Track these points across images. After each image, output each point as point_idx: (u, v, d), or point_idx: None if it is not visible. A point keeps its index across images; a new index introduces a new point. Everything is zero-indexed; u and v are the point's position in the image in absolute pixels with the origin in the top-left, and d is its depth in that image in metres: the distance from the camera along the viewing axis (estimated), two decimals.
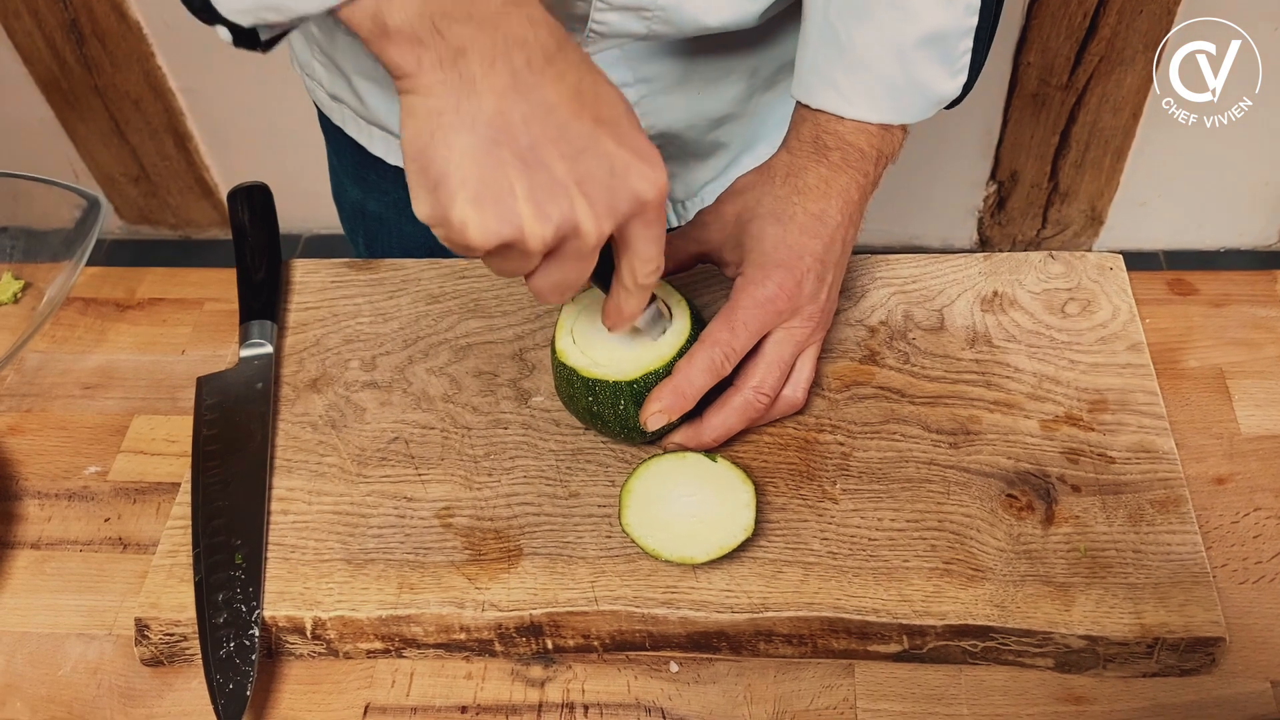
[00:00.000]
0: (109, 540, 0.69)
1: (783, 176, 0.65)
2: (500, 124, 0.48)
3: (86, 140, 1.94)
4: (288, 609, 0.61)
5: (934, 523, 0.62)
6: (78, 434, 0.74)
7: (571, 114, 0.49)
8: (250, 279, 0.75)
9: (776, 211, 0.64)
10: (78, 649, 0.64)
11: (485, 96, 0.48)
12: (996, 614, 0.58)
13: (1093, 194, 1.86)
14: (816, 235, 0.63)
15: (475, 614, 0.60)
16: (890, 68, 0.63)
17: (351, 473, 0.67)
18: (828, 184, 0.64)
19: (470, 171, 0.48)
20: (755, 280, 0.63)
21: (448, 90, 0.48)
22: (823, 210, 0.64)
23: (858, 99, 0.63)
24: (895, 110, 0.64)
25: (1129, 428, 0.66)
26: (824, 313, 0.65)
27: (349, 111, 0.83)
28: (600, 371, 0.62)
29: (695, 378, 0.61)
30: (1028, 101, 1.73)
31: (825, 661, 0.61)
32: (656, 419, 0.62)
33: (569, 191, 0.49)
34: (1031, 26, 1.62)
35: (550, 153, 0.49)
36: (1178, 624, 0.58)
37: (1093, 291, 0.72)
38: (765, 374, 0.63)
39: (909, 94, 0.64)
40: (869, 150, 0.65)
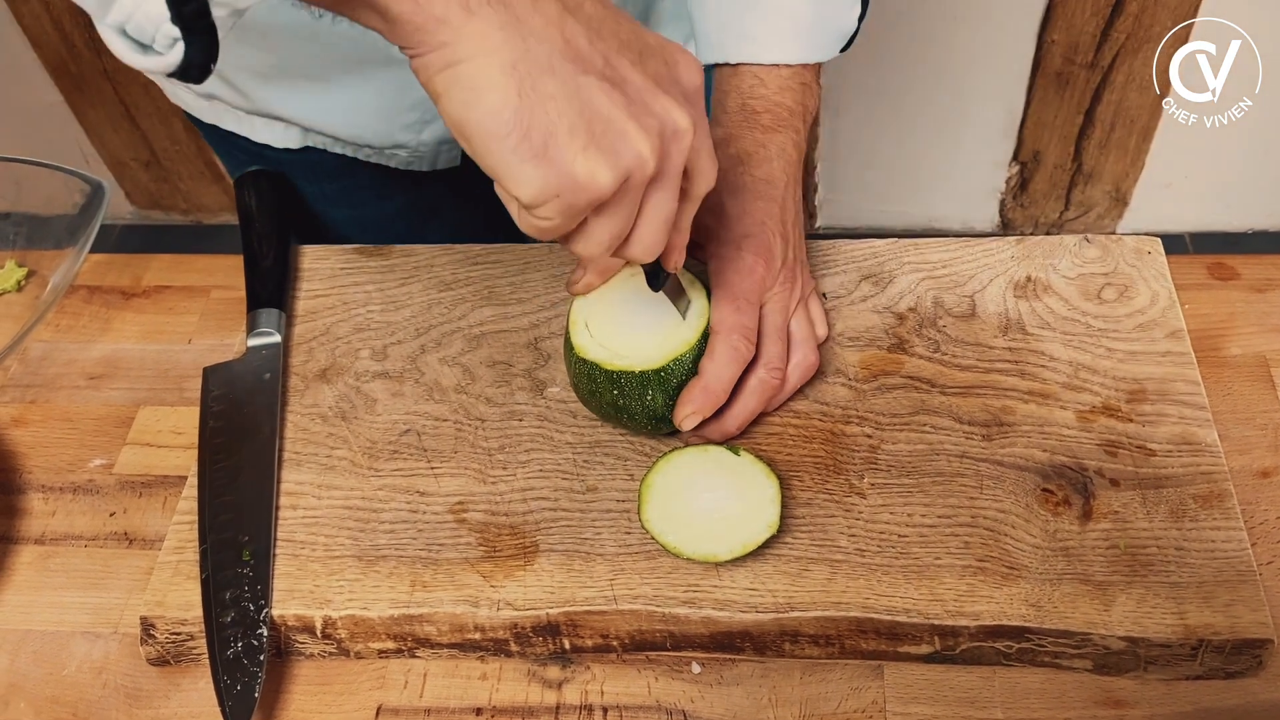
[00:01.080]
0: (114, 535, 0.67)
1: (721, 148, 0.65)
2: (573, 53, 0.45)
3: (96, 125, 1.92)
4: (297, 608, 0.59)
5: (966, 519, 0.60)
6: (83, 425, 0.72)
7: (613, 19, 0.47)
8: (258, 266, 0.73)
9: (728, 184, 0.63)
10: (83, 648, 0.62)
11: (548, 30, 0.44)
12: (1032, 614, 0.56)
13: (1117, 175, 1.83)
14: (770, 199, 0.64)
15: (490, 613, 0.58)
16: (796, 6, 0.65)
17: (362, 466, 0.65)
18: (765, 148, 0.65)
19: (576, 114, 0.44)
20: (731, 256, 0.62)
21: (509, 36, 0.43)
22: (768, 174, 0.64)
23: (774, 42, 0.65)
24: (810, 48, 0.66)
25: (1169, 419, 0.63)
26: (796, 271, 0.65)
27: (224, 106, 0.80)
28: (624, 363, 0.60)
29: (723, 372, 0.60)
30: (1051, 80, 1.69)
31: (853, 663, 0.59)
32: (691, 420, 0.60)
33: (655, 94, 0.46)
34: (1056, 4, 1.58)
35: (622, 63, 0.46)
36: (1223, 625, 0.55)
37: (1130, 276, 0.70)
38: (769, 348, 0.62)
39: (818, 30, 0.66)
40: (795, 107, 0.66)
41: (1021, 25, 1.63)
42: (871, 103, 1.77)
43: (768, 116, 0.66)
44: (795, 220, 0.65)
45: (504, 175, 0.45)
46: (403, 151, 0.81)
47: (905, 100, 1.76)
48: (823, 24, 0.67)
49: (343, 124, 0.76)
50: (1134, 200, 1.87)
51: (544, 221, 0.46)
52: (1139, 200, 1.87)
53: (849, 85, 1.75)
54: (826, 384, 0.66)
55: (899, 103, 1.76)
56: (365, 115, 0.45)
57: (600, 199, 0.46)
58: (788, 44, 0.66)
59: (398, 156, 0.82)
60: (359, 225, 0.88)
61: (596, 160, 0.44)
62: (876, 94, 1.75)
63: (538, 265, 0.74)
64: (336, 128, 0.77)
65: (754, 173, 0.64)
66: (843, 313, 0.69)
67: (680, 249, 0.55)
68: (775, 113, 0.66)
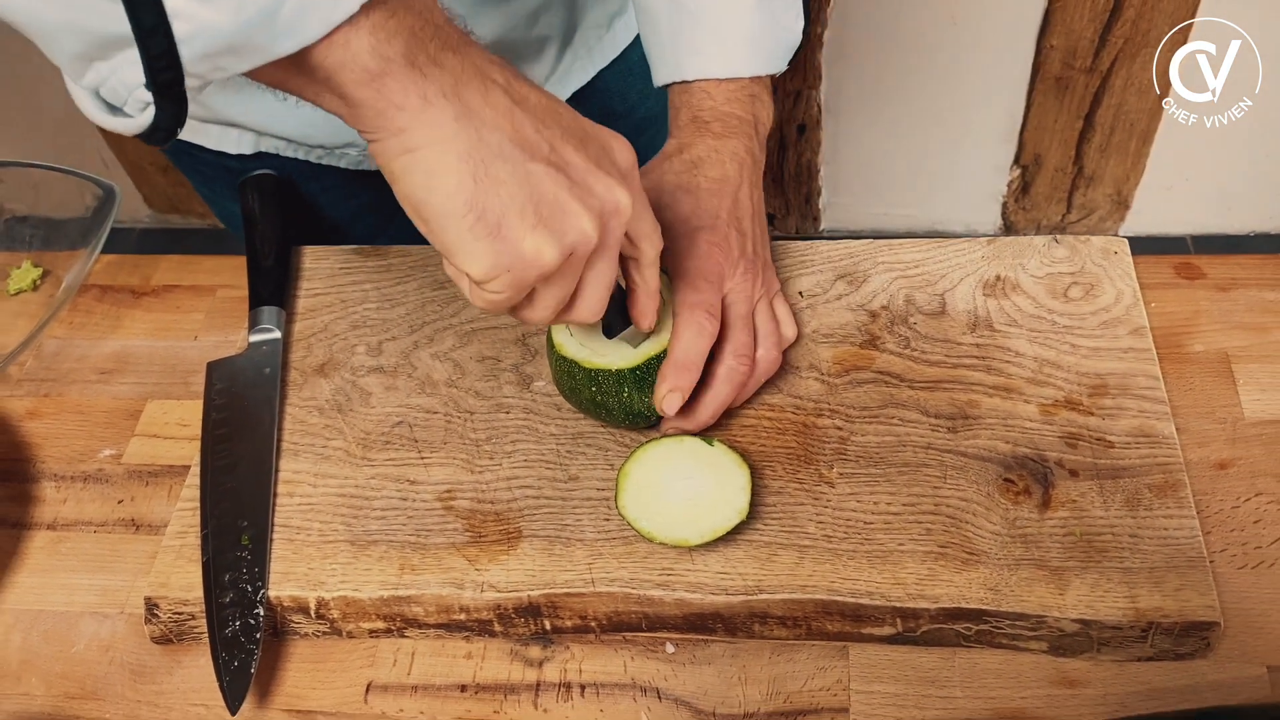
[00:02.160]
0: (122, 521, 0.70)
1: (675, 155, 0.69)
2: (521, 140, 0.48)
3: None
4: (292, 589, 0.63)
5: (930, 506, 0.62)
6: (93, 418, 0.76)
7: (555, 110, 0.51)
8: (260, 266, 0.77)
9: (682, 185, 0.67)
10: (91, 627, 0.66)
11: (498, 120, 0.48)
12: (990, 597, 0.59)
13: (1118, 178, 1.84)
14: (722, 195, 0.67)
15: (475, 595, 0.61)
16: (743, 21, 0.68)
17: (356, 456, 0.68)
18: (718, 152, 0.68)
19: (526, 196, 0.48)
20: (687, 245, 0.65)
21: (462, 126, 0.47)
22: (722, 174, 0.67)
23: (724, 57, 0.69)
24: (760, 59, 0.70)
25: (1129, 412, 0.65)
26: (757, 267, 0.67)
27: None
28: (602, 361, 0.63)
29: (690, 346, 0.62)
30: (1051, 85, 1.71)
31: (819, 644, 0.61)
32: (671, 399, 0.62)
33: (596, 175, 0.51)
34: (1054, 9, 1.61)
35: (565, 149, 0.50)
36: (1172, 608, 0.57)
37: (1096, 275, 0.72)
38: (736, 337, 0.65)
39: (766, 41, 0.70)
40: (745, 116, 0.69)
41: (1020, 31, 1.65)
42: (874, 108, 1.79)
43: (718, 125, 0.69)
44: (753, 217, 0.68)
45: (457, 253, 0.49)
46: (353, 150, 0.85)
47: (907, 105, 1.78)
48: (769, 37, 0.70)
49: (295, 126, 0.79)
50: (1135, 203, 1.89)
51: (495, 295, 0.51)
52: (1140, 203, 1.88)
53: (852, 91, 1.77)
54: (800, 378, 0.69)
55: (901, 107, 1.78)
56: (317, 115, 0.48)
57: (547, 273, 0.50)
58: (736, 58, 0.69)
59: (348, 156, 0.86)
60: (329, 224, 0.91)
61: (544, 238, 0.49)
62: (879, 99, 1.78)
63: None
64: (289, 130, 0.80)
65: (707, 174, 0.67)
66: (818, 310, 0.72)
67: (651, 312, 0.60)
68: (725, 121, 0.69)
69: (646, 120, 0.74)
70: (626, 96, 0.91)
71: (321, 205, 0.88)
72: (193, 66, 0.43)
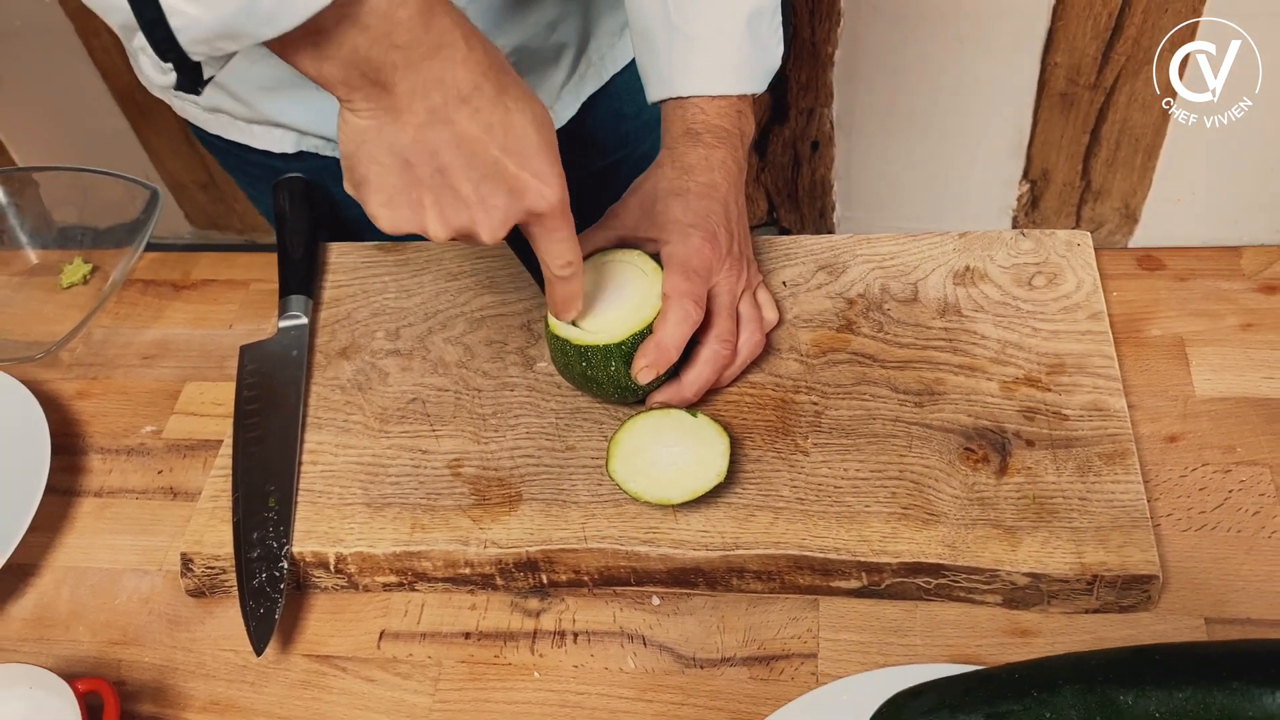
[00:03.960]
0: (161, 490, 0.77)
1: (669, 164, 0.75)
2: (415, 150, 0.58)
3: (159, 149, 2.06)
4: (314, 545, 0.69)
5: (895, 473, 0.68)
6: (137, 398, 0.83)
7: (482, 145, 0.58)
8: (289, 259, 0.84)
9: (674, 189, 0.74)
10: (132, 582, 0.73)
11: (406, 127, 0.57)
12: (948, 553, 0.64)
13: (1125, 192, 1.88)
14: (712, 199, 0.73)
15: (479, 551, 0.67)
16: (732, 45, 0.75)
17: (374, 428, 0.74)
18: (708, 160, 0.74)
19: (386, 181, 0.59)
20: (680, 240, 0.71)
21: (374, 117, 0.57)
22: (711, 180, 0.74)
23: (717, 77, 0.75)
24: (747, 79, 0.76)
25: (1084, 388, 0.70)
26: (740, 262, 0.73)
27: (227, 118, 0.90)
28: (591, 338, 0.69)
29: (674, 330, 0.68)
30: (1056, 101, 1.75)
31: (792, 597, 0.67)
32: (645, 374, 0.69)
33: (470, 207, 0.60)
34: (1058, 27, 1.66)
35: (458, 176, 0.59)
36: (1115, 563, 0.62)
37: (1059, 266, 0.77)
38: (720, 323, 0.71)
39: (751, 64, 0.76)
40: (733, 129, 0.76)
41: (1024, 48, 1.70)
42: (885, 124, 1.85)
43: (709, 136, 0.75)
44: (739, 219, 0.74)
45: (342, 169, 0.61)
46: None
47: (917, 121, 1.83)
48: (754, 61, 0.76)
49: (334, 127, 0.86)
50: (1144, 216, 1.92)
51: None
52: (1149, 216, 1.92)
53: (863, 108, 1.83)
54: (781, 359, 0.75)
55: (911, 124, 1.84)
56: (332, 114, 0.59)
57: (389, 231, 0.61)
58: (726, 78, 0.75)
59: None
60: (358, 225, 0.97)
61: (386, 213, 0.60)
62: (889, 116, 1.83)
63: None
64: (329, 130, 0.87)
65: (698, 179, 0.73)
66: (799, 298, 0.78)
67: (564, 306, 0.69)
68: (715, 133, 0.75)
69: (655, 120, 0.81)
70: (636, 99, 0.98)
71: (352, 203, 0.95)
72: (192, 49, 0.52)
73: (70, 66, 1.93)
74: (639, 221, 0.74)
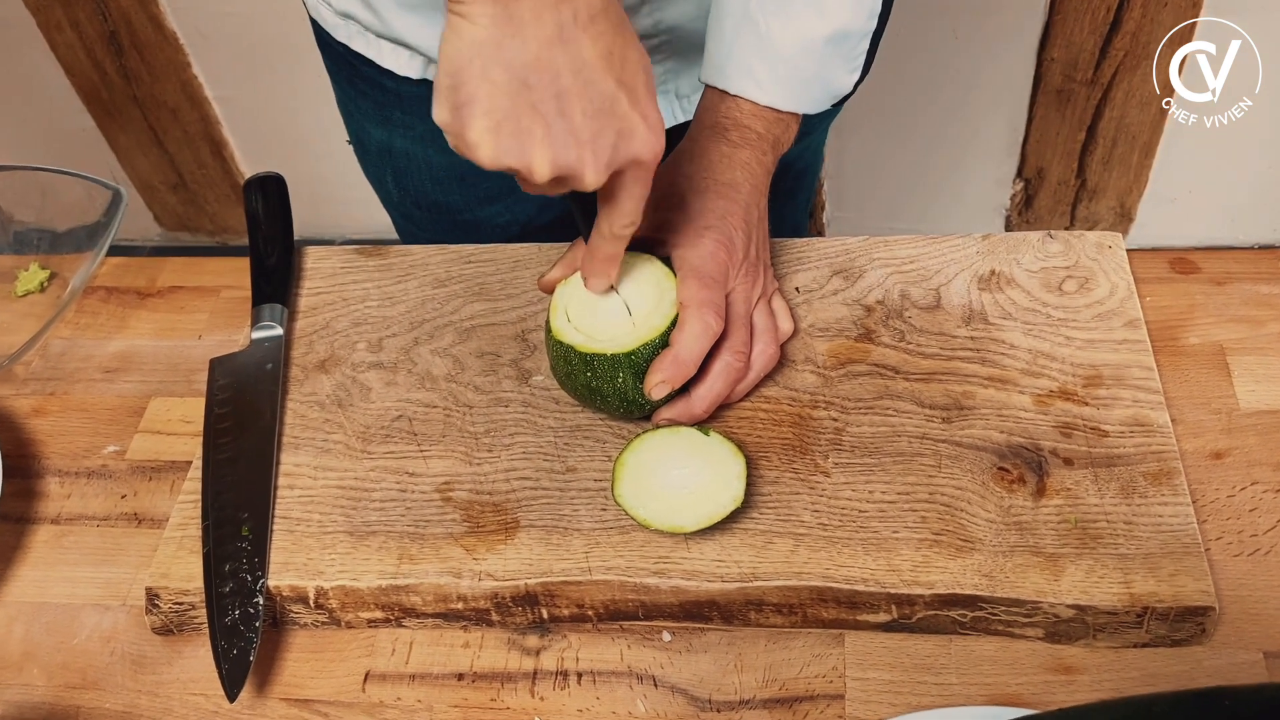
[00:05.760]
0: (125, 516, 0.71)
1: (689, 158, 0.70)
2: (537, 69, 0.52)
3: (127, 149, 1.99)
4: (291, 578, 0.63)
5: (924, 495, 0.63)
6: (98, 415, 0.77)
7: (600, 73, 0.53)
8: (263, 264, 0.78)
9: (693, 186, 0.69)
10: (93, 619, 0.66)
11: (529, 42, 0.51)
12: (985, 583, 0.59)
13: (1121, 191, 1.85)
14: (732, 200, 0.68)
15: (472, 584, 0.62)
16: (803, 61, 0.68)
17: (356, 449, 0.69)
18: (730, 159, 0.69)
19: (498, 103, 0.52)
20: (694, 243, 0.66)
21: (496, 26, 0.51)
22: (732, 179, 0.69)
23: (772, 87, 0.69)
24: (803, 100, 0.70)
25: (1123, 402, 0.66)
26: (758, 269, 0.69)
27: (357, 27, 0.84)
28: (598, 346, 0.64)
29: (693, 344, 0.63)
30: (1052, 98, 1.72)
31: (815, 631, 0.61)
32: (660, 389, 0.63)
33: (581, 144, 0.54)
34: (1054, 22, 1.62)
35: (574, 105, 0.53)
36: (1167, 593, 0.58)
37: (1091, 269, 0.73)
38: (734, 334, 0.66)
39: (814, 86, 0.70)
40: (765, 133, 0.70)
41: (1021, 44, 1.66)
42: (877, 121, 1.80)
43: (735, 134, 0.70)
44: (758, 223, 0.69)
45: (435, 92, 0.54)
46: None
47: (909, 119, 1.79)
48: (820, 82, 0.70)
49: None
50: (1139, 216, 1.89)
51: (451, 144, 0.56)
52: (1144, 216, 1.89)
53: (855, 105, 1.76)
54: (796, 371, 0.69)
55: (904, 121, 1.79)
56: None
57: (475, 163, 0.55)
58: (783, 92, 0.69)
59: None
60: (457, 173, 0.91)
61: (490, 140, 0.53)
62: (881, 112, 1.79)
63: (527, 264, 0.78)
64: None
65: (718, 177, 0.68)
66: (814, 305, 0.73)
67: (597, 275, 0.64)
68: (742, 132, 0.70)
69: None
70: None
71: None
72: None
73: (31, 62, 1.86)
74: (652, 218, 0.69)
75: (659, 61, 0.83)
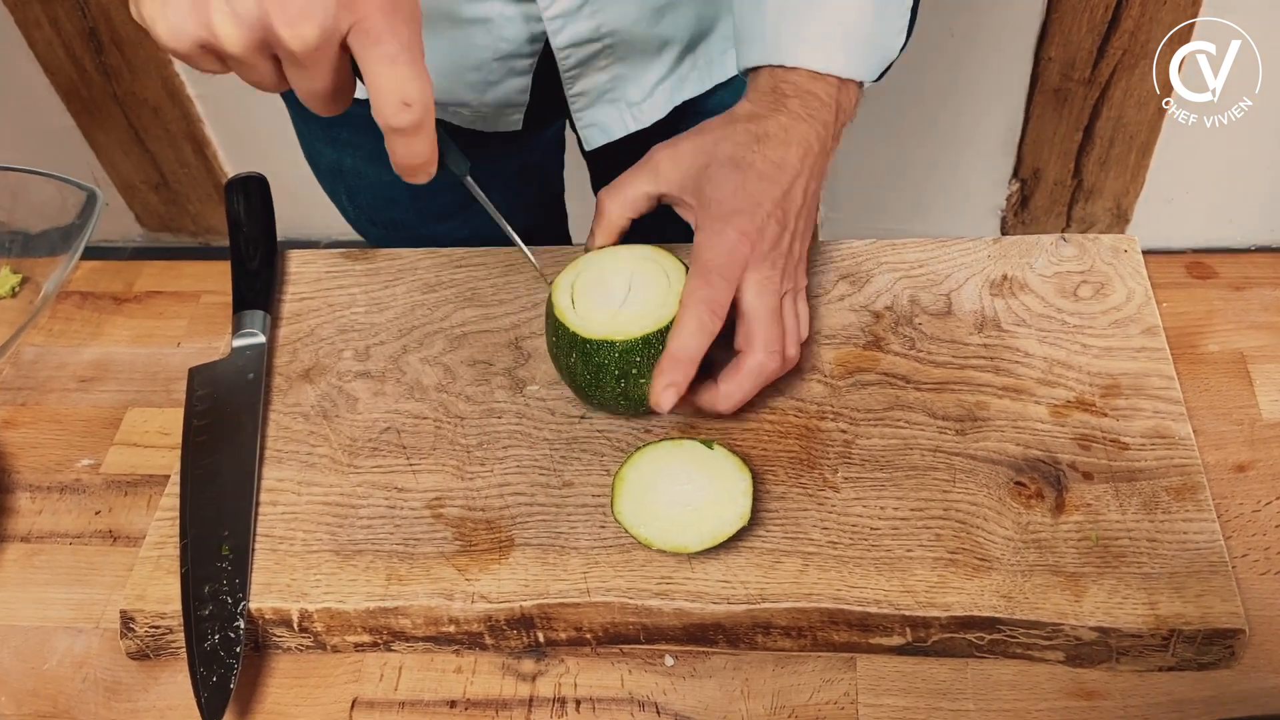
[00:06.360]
0: (99, 533, 0.68)
1: (744, 122, 0.64)
2: None
3: (107, 148, 1.95)
4: (274, 600, 0.60)
5: (939, 511, 0.60)
6: (72, 427, 0.73)
7: None
8: (245, 269, 0.74)
9: (735, 158, 0.63)
10: (64, 642, 0.63)
11: None
12: (1003, 605, 0.56)
13: (1118, 191, 1.83)
14: (775, 182, 0.63)
15: (465, 606, 0.59)
16: (857, 21, 0.64)
17: (342, 463, 0.66)
18: (788, 132, 0.63)
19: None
20: (716, 230, 0.62)
21: None
22: (782, 158, 0.63)
23: (834, 52, 0.64)
24: (864, 64, 0.66)
25: (1144, 413, 0.63)
26: (792, 263, 0.64)
27: None
28: (599, 333, 0.61)
29: (688, 342, 0.60)
30: (1049, 97, 1.69)
31: (825, 655, 0.59)
32: (668, 395, 0.60)
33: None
34: (1052, 20, 1.59)
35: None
36: (1194, 615, 0.55)
37: (1106, 274, 0.70)
38: (767, 332, 0.62)
39: (870, 48, 0.66)
40: (828, 99, 0.65)
41: (1018, 42, 1.64)
42: (871, 121, 1.77)
43: (796, 101, 0.64)
44: (801, 211, 0.64)
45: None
46: (465, 110, 0.82)
47: (905, 118, 1.77)
48: (877, 44, 0.66)
49: None
50: (1136, 216, 1.87)
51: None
52: (1141, 216, 1.87)
53: None
54: (802, 381, 0.67)
55: (899, 120, 1.77)
56: (431, 72, 0.49)
57: (173, 52, 0.50)
58: (840, 56, 0.64)
59: (460, 115, 0.83)
60: (409, 191, 0.84)
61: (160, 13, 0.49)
62: (876, 112, 1.76)
63: (521, 268, 0.75)
64: None
65: (767, 154, 0.63)
66: (820, 311, 0.70)
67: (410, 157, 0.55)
68: (805, 99, 0.64)
69: None
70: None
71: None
72: None
73: (8, 59, 1.82)
74: (684, 181, 0.64)
75: (604, 68, 0.79)
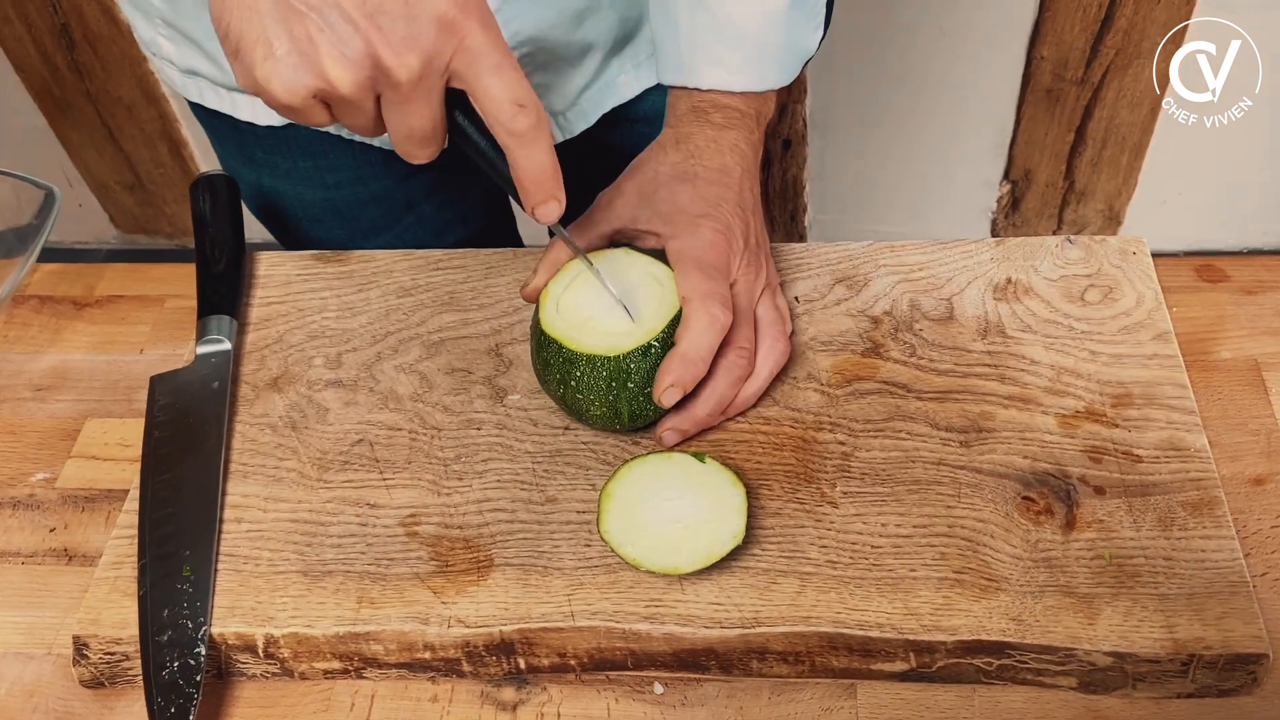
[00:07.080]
0: (53, 552, 0.64)
1: (673, 145, 0.66)
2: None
3: (80, 148, 1.90)
4: (238, 625, 0.56)
5: (943, 528, 0.57)
6: (26, 438, 0.69)
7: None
8: (211, 272, 0.71)
9: (680, 173, 0.64)
10: (14, 669, 0.59)
11: None
12: (1013, 628, 0.53)
13: (1110, 193, 1.81)
14: (725, 185, 0.64)
15: (440, 631, 0.55)
16: (768, 34, 0.65)
17: (311, 478, 0.62)
18: (717, 143, 0.65)
19: (264, 27, 0.48)
20: (689, 232, 0.61)
21: None
22: (723, 164, 0.65)
23: (744, 70, 0.66)
24: (775, 74, 0.67)
25: (1157, 423, 0.60)
26: (760, 258, 0.64)
27: (206, 83, 0.79)
28: (592, 348, 0.58)
29: (701, 339, 0.58)
30: (1041, 98, 1.67)
31: (824, 681, 0.55)
32: (671, 394, 0.58)
33: (362, 28, 0.48)
34: (1045, 19, 1.57)
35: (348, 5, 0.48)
36: (1215, 639, 0.52)
37: (1115, 278, 0.67)
38: (738, 330, 0.61)
39: (784, 55, 0.67)
40: (747, 110, 0.67)
41: (1010, 42, 1.61)
42: (861, 122, 1.75)
43: (718, 115, 0.66)
44: (754, 209, 0.65)
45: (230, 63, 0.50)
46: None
47: (895, 119, 1.74)
48: (789, 49, 0.67)
49: None
50: (1128, 218, 1.85)
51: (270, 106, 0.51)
52: (1133, 218, 1.85)
53: (838, 104, 1.73)
54: (798, 389, 0.63)
55: (889, 122, 1.74)
56: None
57: (291, 111, 0.50)
58: (753, 72, 0.66)
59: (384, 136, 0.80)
60: (333, 208, 0.85)
61: (275, 70, 0.48)
62: (866, 113, 1.74)
63: (501, 270, 0.71)
64: None
65: (707, 164, 0.64)
66: (816, 317, 0.67)
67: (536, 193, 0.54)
68: (725, 113, 0.66)
69: None
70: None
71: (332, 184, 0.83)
72: None
73: None
74: (638, 211, 0.64)
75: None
